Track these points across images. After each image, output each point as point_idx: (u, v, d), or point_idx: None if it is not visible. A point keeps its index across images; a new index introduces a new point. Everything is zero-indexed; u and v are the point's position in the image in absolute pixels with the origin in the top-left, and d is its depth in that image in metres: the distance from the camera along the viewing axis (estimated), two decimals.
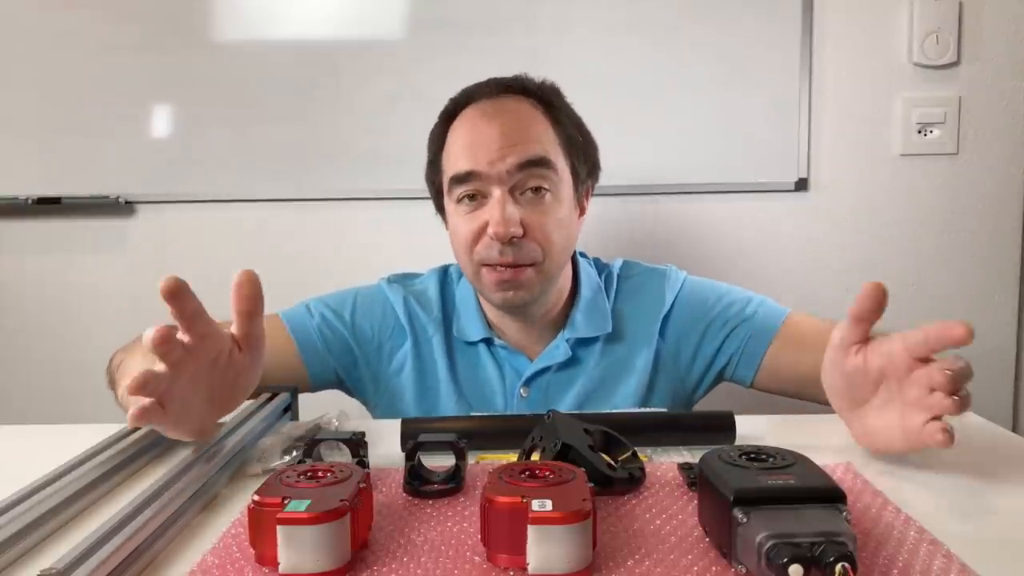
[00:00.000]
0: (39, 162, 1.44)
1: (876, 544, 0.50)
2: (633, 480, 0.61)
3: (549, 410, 0.65)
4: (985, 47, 1.40)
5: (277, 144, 1.42)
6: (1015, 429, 1.47)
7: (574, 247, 1.03)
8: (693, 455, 0.69)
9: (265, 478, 0.53)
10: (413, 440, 0.62)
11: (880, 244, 1.44)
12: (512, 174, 0.93)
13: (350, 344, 1.03)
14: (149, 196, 1.45)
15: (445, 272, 1.09)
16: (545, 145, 0.95)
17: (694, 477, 0.59)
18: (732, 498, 0.46)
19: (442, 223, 1.06)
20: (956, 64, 1.40)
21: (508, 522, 0.47)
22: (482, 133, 0.94)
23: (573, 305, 1.03)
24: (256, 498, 0.48)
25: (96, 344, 1.39)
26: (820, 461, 0.52)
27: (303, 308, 1.05)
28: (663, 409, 0.93)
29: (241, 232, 1.46)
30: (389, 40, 1.40)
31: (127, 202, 1.45)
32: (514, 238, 0.92)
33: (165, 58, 1.41)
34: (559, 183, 0.96)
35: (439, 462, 0.63)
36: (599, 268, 1.08)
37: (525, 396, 1.00)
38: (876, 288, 0.63)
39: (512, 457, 0.65)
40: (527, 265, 0.94)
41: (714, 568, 0.47)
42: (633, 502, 0.58)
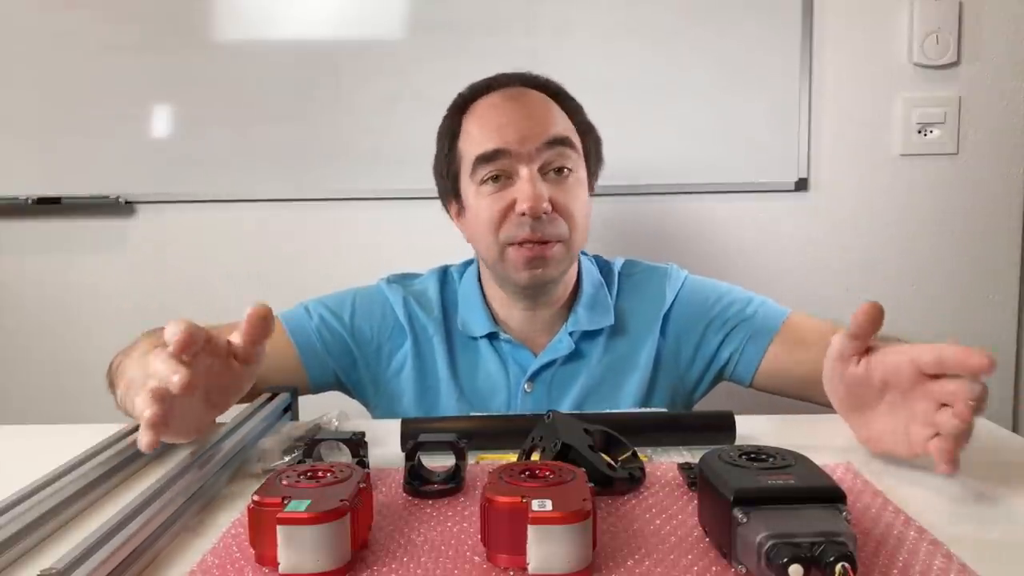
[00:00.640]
0: (39, 162, 1.44)
1: (876, 544, 0.50)
2: (633, 480, 0.61)
3: (549, 410, 0.65)
4: (985, 47, 1.40)
5: (277, 144, 1.42)
6: (1015, 429, 1.47)
7: (589, 230, 1.03)
8: (693, 455, 0.69)
9: (265, 478, 0.53)
10: (413, 440, 0.62)
11: (880, 244, 1.44)
12: (541, 152, 0.94)
13: (349, 345, 1.03)
14: (149, 196, 1.45)
15: (445, 272, 1.09)
16: (567, 129, 0.98)
17: (694, 477, 0.59)
18: (732, 498, 0.46)
19: (442, 216, 1.06)
20: (956, 64, 1.40)
21: (508, 522, 0.47)
22: (508, 114, 0.96)
23: (576, 299, 1.03)
24: (256, 498, 0.48)
25: (96, 344, 1.39)
26: (820, 461, 0.52)
27: (302, 309, 1.05)
28: (663, 409, 0.93)
29: (241, 232, 1.45)
30: (389, 40, 1.40)
31: (127, 202, 1.45)
32: (544, 214, 0.93)
33: (165, 58, 1.41)
34: (579, 166, 0.99)
35: (439, 462, 0.63)
36: (600, 265, 1.09)
37: (529, 391, 1.00)
38: (873, 308, 0.63)
39: (512, 457, 0.65)
40: (555, 241, 0.95)
41: (714, 568, 0.47)
42: (633, 502, 0.58)
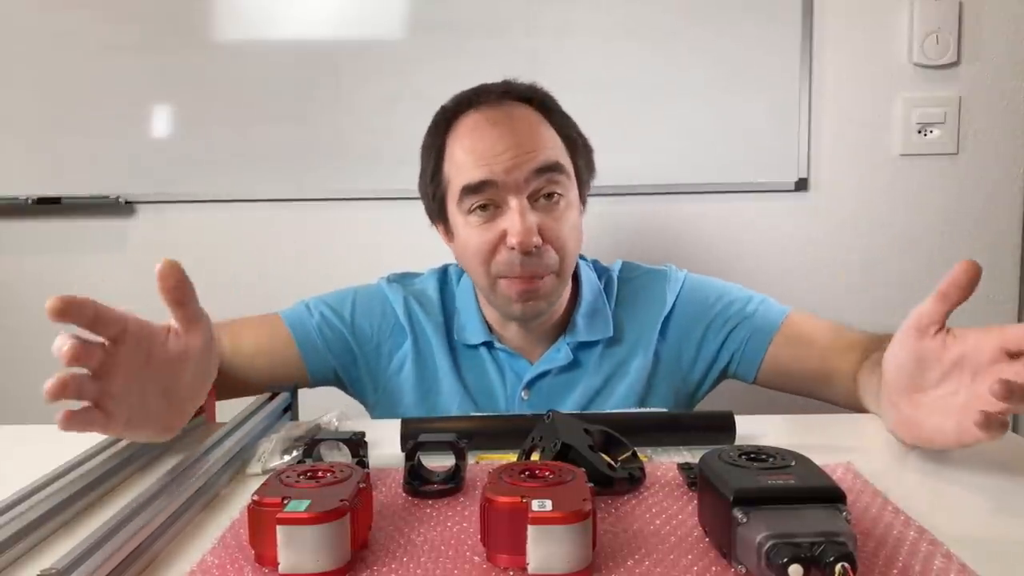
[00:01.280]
0: (39, 162, 1.44)
1: (876, 544, 0.50)
2: (633, 480, 0.61)
3: (549, 410, 0.65)
4: (985, 47, 1.40)
5: (277, 144, 1.42)
6: (1015, 429, 1.47)
7: (579, 251, 1.03)
8: (693, 455, 0.69)
9: (265, 478, 0.53)
10: (413, 440, 0.62)
11: (880, 244, 1.44)
12: (529, 181, 0.91)
13: (349, 343, 1.03)
14: (149, 196, 1.45)
15: (444, 272, 1.09)
16: (556, 150, 0.95)
17: (694, 477, 0.59)
18: (732, 498, 0.46)
19: (439, 233, 1.04)
20: (956, 64, 1.40)
21: (508, 522, 0.47)
22: (493, 140, 0.92)
23: (575, 309, 1.02)
24: (256, 498, 0.48)
25: None
26: (820, 461, 0.52)
27: (302, 307, 1.05)
28: (663, 409, 0.93)
29: (241, 232, 1.45)
30: (389, 40, 1.40)
31: (127, 202, 1.45)
32: (535, 247, 0.91)
33: (165, 58, 1.41)
34: (570, 187, 0.96)
35: (439, 462, 0.62)
36: (599, 272, 1.07)
37: (526, 399, 1.00)
38: (971, 266, 0.61)
39: (512, 457, 0.65)
40: (547, 274, 0.93)
41: (714, 568, 0.47)
42: (633, 502, 0.58)
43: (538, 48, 1.38)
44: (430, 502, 0.59)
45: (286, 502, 0.47)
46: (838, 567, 0.41)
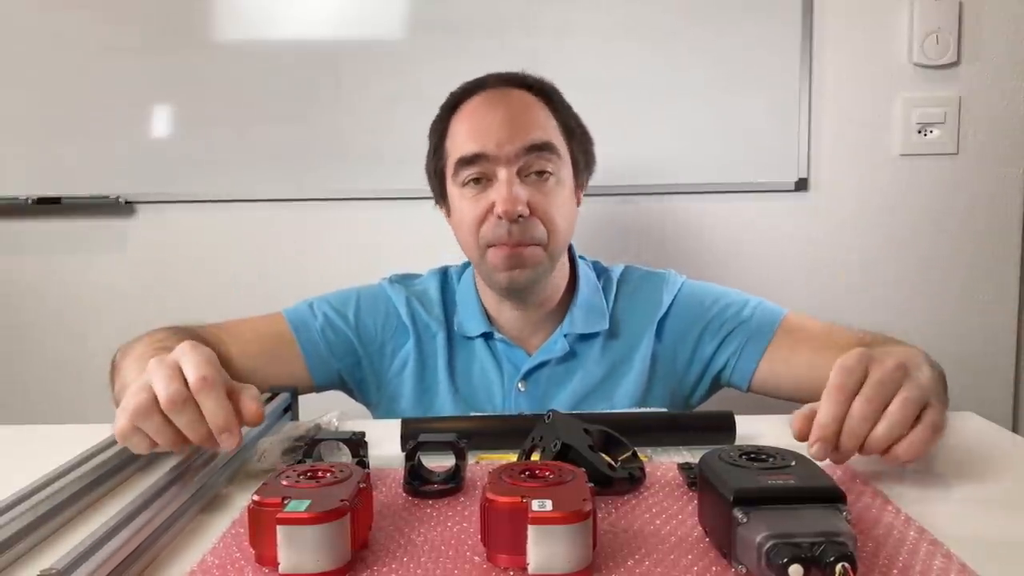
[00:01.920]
0: (39, 162, 1.44)
1: (876, 544, 0.50)
2: (633, 480, 0.61)
3: (549, 410, 0.65)
4: (985, 47, 1.40)
5: (277, 144, 1.42)
6: (1015, 429, 1.47)
7: (572, 234, 1.03)
8: (693, 455, 0.69)
9: (265, 478, 0.53)
10: (413, 440, 0.62)
11: (880, 244, 1.44)
12: (519, 156, 0.95)
13: (353, 344, 1.03)
14: (149, 196, 1.45)
15: (444, 273, 1.10)
16: (549, 132, 0.98)
17: (694, 477, 0.59)
18: (732, 498, 0.46)
19: (442, 216, 1.06)
20: (956, 64, 1.40)
21: (508, 522, 0.47)
22: (489, 118, 0.96)
23: (571, 301, 1.03)
24: (256, 498, 0.48)
25: (96, 344, 1.39)
26: None
27: (306, 308, 1.05)
28: (663, 409, 0.93)
29: (241, 232, 1.45)
30: (389, 40, 1.40)
31: (127, 202, 1.45)
32: (520, 217, 0.94)
33: (165, 58, 1.41)
34: (561, 168, 0.98)
35: (439, 462, 0.63)
36: (599, 271, 1.09)
37: (523, 390, 1.00)
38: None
39: (512, 457, 0.65)
40: (532, 244, 0.96)
41: (714, 568, 0.47)
42: (633, 502, 0.58)
43: (538, 48, 1.38)
44: (430, 502, 0.59)
45: (286, 502, 0.47)
46: (838, 567, 0.41)
